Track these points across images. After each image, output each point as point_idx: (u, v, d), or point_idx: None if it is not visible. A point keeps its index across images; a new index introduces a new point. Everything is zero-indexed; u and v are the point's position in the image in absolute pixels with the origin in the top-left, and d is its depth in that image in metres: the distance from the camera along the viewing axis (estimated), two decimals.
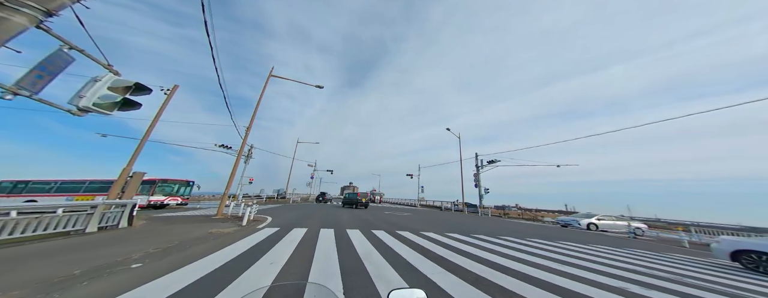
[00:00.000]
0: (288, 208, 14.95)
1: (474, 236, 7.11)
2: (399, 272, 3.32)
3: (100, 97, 2.63)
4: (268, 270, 3.10)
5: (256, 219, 8.15)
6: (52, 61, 2.22)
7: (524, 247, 5.98)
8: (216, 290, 2.40)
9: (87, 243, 4.30)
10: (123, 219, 6.02)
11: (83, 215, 5.22)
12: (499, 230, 9.52)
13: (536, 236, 8.24)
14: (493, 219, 16.01)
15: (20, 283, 2.42)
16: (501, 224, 12.16)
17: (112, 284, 2.51)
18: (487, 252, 5.00)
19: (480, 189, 20.78)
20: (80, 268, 2.89)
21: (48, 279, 2.55)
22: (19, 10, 2.01)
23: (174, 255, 3.62)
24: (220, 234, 5.36)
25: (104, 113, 2.70)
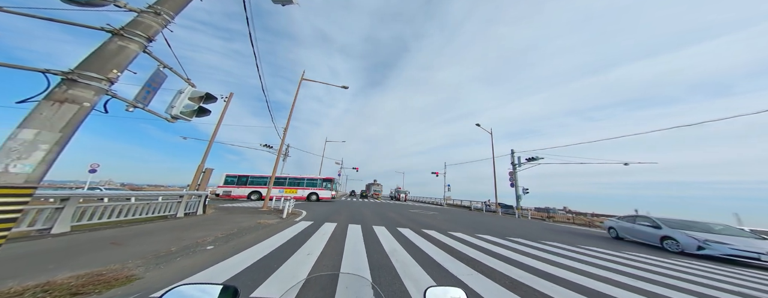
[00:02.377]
0: (318, 203, 16.10)
1: (510, 239, 6.61)
2: (426, 270, 3.31)
3: (184, 107, 3.24)
4: (306, 260, 3.42)
5: (294, 212, 9.07)
6: (154, 78, 2.84)
7: (574, 254, 5.27)
8: (266, 274, 2.77)
9: (178, 226, 5.43)
10: (200, 208, 7.44)
11: (175, 203, 6.63)
12: (541, 234, 8.62)
13: (592, 244, 7.16)
14: (534, 222, 14.46)
15: (139, 254, 3.20)
16: (544, 228, 10.97)
17: (195, 261, 3.12)
18: (526, 257, 4.60)
19: (517, 189, 18.89)
20: (175, 246, 3.68)
21: (155, 253, 3.31)
22: (132, 39, 2.59)
23: (235, 241, 4.30)
24: (266, 225, 6.13)
25: (186, 120, 3.32)
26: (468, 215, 14.87)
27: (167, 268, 2.84)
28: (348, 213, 10.41)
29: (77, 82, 2.09)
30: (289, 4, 4.55)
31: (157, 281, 2.45)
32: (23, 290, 1.93)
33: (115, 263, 2.76)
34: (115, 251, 3.34)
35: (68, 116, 1.99)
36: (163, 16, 2.92)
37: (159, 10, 2.88)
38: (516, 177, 19.43)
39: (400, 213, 12.51)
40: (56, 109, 1.95)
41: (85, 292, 2.06)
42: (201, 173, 7.88)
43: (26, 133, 1.83)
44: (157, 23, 2.87)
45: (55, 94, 2.00)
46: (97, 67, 2.27)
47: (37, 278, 2.22)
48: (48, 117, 1.91)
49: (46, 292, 1.95)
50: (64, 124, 1.97)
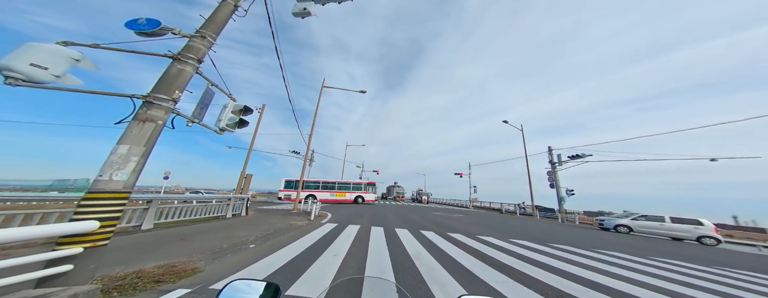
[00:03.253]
0: (342, 205, 16.82)
1: (552, 246, 6.11)
2: (453, 276, 3.25)
3: (228, 120, 3.73)
4: (332, 261, 3.64)
5: (320, 215, 9.66)
6: (204, 96, 3.34)
7: (642, 267, 4.61)
8: (299, 273, 3.06)
9: (227, 226, 6.22)
10: (243, 209, 8.58)
11: (224, 205, 7.70)
12: (594, 241, 7.77)
13: (672, 256, 6.10)
14: (583, 228, 12.95)
15: (200, 250, 3.77)
16: (596, 235, 9.83)
17: (241, 257, 3.58)
18: (575, 266, 4.21)
19: (558, 190, 17.16)
20: (225, 244, 4.24)
21: (212, 249, 3.86)
22: (187, 62, 3.07)
23: (272, 240, 4.79)
24: (297, 226, 6.65)
25: (231, 131, 3.82)
26: (499, 219, 14.03)
27: (221, 263, 3.30)
28: (370, 216, 10.65)
29: (153, 104, 2.58)
30: (308, 16, 4.88)
31: (213, 274, 2.87)
32: (124, 275, 2.45)
33: (183, 257, 3.30)
34: (183, 246, 3.99)
35: (149, 132, 2.47)
36: (207, 39, 3.40)
37: (204, 33, 3.37)
38: (556, 177, 17.60)
39: (423, 215, 12.37)
40: (141, 127, 2.44)
41: (164, 280, 2.52)
42: (243, 178, 8.95)
43: (122, 149, 2.32)
44: (204, 46, 3.35)
45: (139, 114, 2.50)
46: (164, 89, 2.76)
47: (133, 265, 2.80)
48: (136, 134, 2.40)
49: (139, 278, 2.44)
50: (147, 139, 2.45)
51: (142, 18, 3.04)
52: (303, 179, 17.37)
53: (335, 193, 18.73)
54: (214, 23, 3.52)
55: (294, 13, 4.80)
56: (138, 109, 2.53)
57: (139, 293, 2.24)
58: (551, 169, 18.07)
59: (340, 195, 18.82)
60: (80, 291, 1.93)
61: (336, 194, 18.64)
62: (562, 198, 16.93)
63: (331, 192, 18.59)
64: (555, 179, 17.63)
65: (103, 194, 2.19)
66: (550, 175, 18.06)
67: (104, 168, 2.24)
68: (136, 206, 5.27)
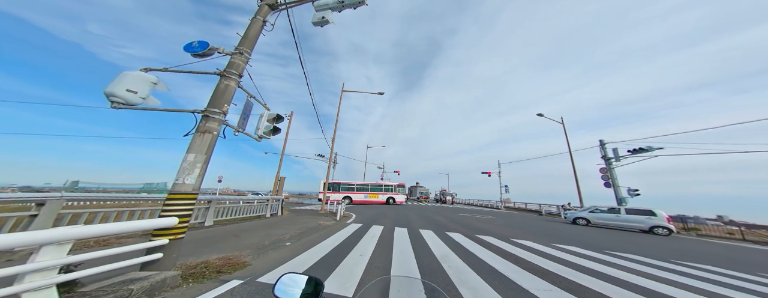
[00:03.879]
0: (365, 206, 17.37)
1: (612, 254, 5.44)
2: (485, 279, 3.17)
3: (265, 128, 4.21)
4: (359, 260, 3.85)
5: (345, 215, 10.24)
6: (246, 107, 3.86)
7: (746, 284, 3.83)
8: (329, 271, 3.33)
9: (267, 224, 7.03)
10: (279, 209, 9.66)
11: (264, 206, 8.79)
12: (672, 252, 6.56)
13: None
14: (654, 235, 10.99)
15: (248, 246, 4.35)
16: (683, 245, 8.26)
17: (280, 254, 4.04)
18: (647, 278, 3.66)
19: (617, 190, 15.10)
20: (267, 241, 4.80)
21: (257, 245, 4.42)
22: (231, 78, 3.56)
23: (305, 239, 5.27)
24: (324, 226, 7.16)
25: (267, 138, 4.32)
26: (537, 221, 12.99)
27: (264, 258, 3.77)
28: (393, 216, 10.82)
29: (210, 117, 3.09)
30: (327, 24, 5.18)
31: (259, 268, 3.30)
32: (195, 265, 3.00)
33: (236, 251, 3.87)
34: (236, 241, 4.66)
35: (208, 142, 2.97)
36: (244, 55, 3.88)
37: (241, 49, 3.86)
38: (613, 174, 15.40)
39: (448, 217, 12.12)
40: (202, 138, 2.95)
41: (224, 271, 3.00)
42: (278, 181, 10.02)
43: (190, 157, 2.84)
44: (242, 61, 3.84)
45: (200, 127, 3.02)
46: (216, 104, 3.27)
47: (200, 257, 3.41)
48: (199, 144, 2.91)
49: (206, 268, 2.96)
50: (207, 148, 2.95)
51: (194, 41, 3.64)
52: (342, 182, 20.12)
53: (369, 194, 20.41)
54: (248, 39, 4.01)
55: (314, 22, 5.17)
56: (199, 123, 3.06)
57: (206, 281, 2.72)
58: (606, 165, 15.86)
59: (373, 197, 20.45)
60: (168, 276, 2.43)
61: (370, 196, 20.31)
62: (622, 199, 14.80)
63: (365, 194, 20.30)
64: (612, 177, 15.50)
65: (180, 195, 2.72)
66: (604, 172, 15.89)
67: (178, 174, 2.77)
68: (200, 206, 6.35)
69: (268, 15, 4.31)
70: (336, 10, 5.28)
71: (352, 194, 19.87)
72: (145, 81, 2.85)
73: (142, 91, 2.78)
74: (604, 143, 16.45)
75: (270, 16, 4.42)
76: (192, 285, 2.58)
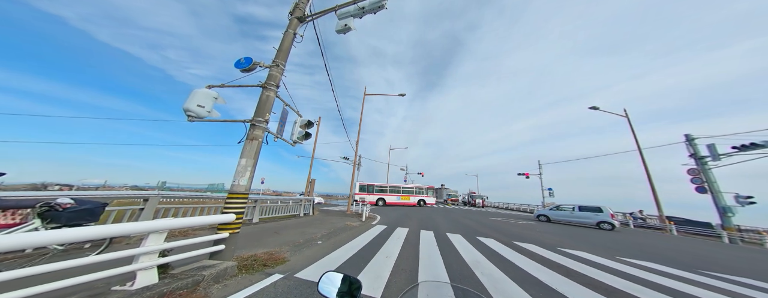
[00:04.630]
0: (389, 208, 17.73)
1: (706, 274, 4.48)
2: (526, 289, 3.01)
3: (297, 133, 4.71)
4: (386, 262, 3.98)
5: (370, 216, 10.68)
6: (283, 115, 4.41)
7: None
8: (358, 270, 3.56)
9: (300, 223, 7.77)
10: (311, 210, 10.67)
11: (298, 206, 9.82)
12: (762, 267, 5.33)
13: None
14: None
15: (286, 242, 4.92)
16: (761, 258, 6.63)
17: (313, 251, 4.46)
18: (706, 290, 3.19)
19: (718, 197, 12.44)
20: (301, 239, 5.35)
21: (293, 242, 4.97)
22: (271, 89, 4.07)
23: (334, 238, 5.70)
24: (351, 227, 7.60)
25: (300, 143, 4.82)
26: (592, 230, 11.34)
27: (300, 255, 4.22)
28: (418, 219, 10.82)
29: (256, 126, 3.63)
30: (349, 31, 5.46)
31: (296, 264, 3.71)
32: (247, 257, 3.57)
33: (276, 247, 4.43)
34: (276, 238, 5.34)
35: (255, 148, 3.51)
36: (280, 67, 4.40)
37: (277, 62, 4.38)
38: (709, 177, 12.56)
39: (479, 221, 11.63)
40: (251, 144, 3.50)
41: (268, 265, 3.48)
42: (309, 182, 11.04)
43: (242, 161, 3.40)
44: (278, 73, 4.36)
45: (249, 134, 3.58)
46: (260, 113, 3.81)
47: (250, 250, 4.03)
48: (249, 149, 3.46)
49: (254, 260, 3.49)
50: (255, 152, 3.49)
51: (242, 58, 4.29)
52: (376, 184, 21.38)
53: (401, 196, 21.52)
54: (282, 52, 4.53)
55: (337, 30, 5.53)
56: (248, 131, 3.62)
57: (255, 273, 3.21)
58: (699, 166, 12.99)
59: (405, 199, 21.51)
60: (228, 265, 2.96)
61: (402, 198, 21.43)
62: (727, 208, 11.88)
63: (397, 196, 21.45)
64: (708, 181, 12.66)
65: (236, 194, 3.28)
66: (696, 174, 13.05)
67: (235, 176, 3.35)
68: (249, 204, 7.41)
69: (297, 27, 4.80)
70: (357, 16, 5.57)
71: (385, 195, 20.90)
72: (209, 96, 3.51)
73: (208, 105, 3.44)
74: (693, 139, 13.51)
75: (299, 28, 4.91)
76: (244, 276, 3.07)
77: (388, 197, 20.85)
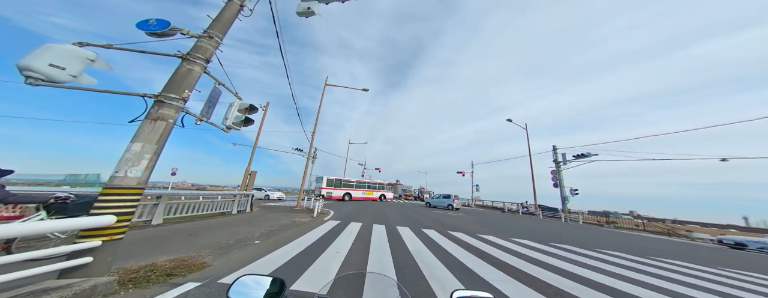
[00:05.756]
0: (344, 204, 16.86)
1: (554, 245, 6.14)
2: (454, 273, 3.30)
3: (234, 118, 3.81)
4: (335, 257, 3.71)
5: (323, 212, 9.79)
6: (212, 95, 3.42)
7: (643, 267, 4.69)
8: (302, 269, 3.14)
9: (232, 221, 6.38)
10: (248, 206, 8.65)
11: (230, 202, 7.82)
12: (598, 241, 7.78)
13: (673, 257, 6.16)
14: (587, 228, 12.98)
15: (207, 245, 3.90)
16: (601, 235, 9.83)
17: (247, 253, 3.68)
18: (576, 266, 4.26)
19: (562, 189, 17.10)
20: (232, 239, 4.36)
21: (219, 244, 3.98)
22: (196, 62, 3.14)
23: (276, 237, 4.89)
24: (300, 223, 6.77)
25: (237, 129, 3.91)
26: (501, 218, 14.04)
27: (228, 258, 3.41)
28: (373, 213, 10.76)
29: (164, 103, 2.66)
30: (312, 15, 4.89)
31: (221, 269, 2.97)
32: (138, 268, 2.56)
33: (192, 252, 3.42)
34: (192, 241, 4.13)
35: (160, 131, 2.56)
36: (214, 39, 3.46)
37: (211, 33, 3.43)
38: (560, 176, 17.47)
39: (424, 214, 12.45)
40: (153, 126, 2.52)
41: (175, 274, 2.62)
42: (248, 175, 9.08)
43: (136, 146, 2.41)
44: (211, 45, 3.42)
45: (151, 113, 2.58)
46: (175, 89, 2.84)
47: (145, 259, 2.92)
48: (148, 132, 2.48)
49: (152, 271, 2.55)
50: (159, 137, 2.53)
51: (152, 19, 3.11)
52: (344, 179, 20.18)
53: (366, 192, 21.09)
54: (220, 23, 3.58)
55: (298, 12, 4.83)
56: (150, 109, 2.62)
57: (152, 286, 2.34)
58: (555, 168, 17.90)
59: (369, 194, 21.17)
60: (99, 282, 2.03)
61: (366, 193, 21.04)
62: (565, 198, 16.80)
63: (363, 191, 20.89)
64: (559, 179, 17.49)
65: (119, 189, 2.28)
66: (554, 174, 17.90)
67: (119, 165, 2.33)
68: (147, 202, 5.40)
69: None
70: (323, 1, 5.00)
71: (352, 190, 20.07)
72: (77, 57, 2.32)
73: (73, 68, 2.27)
74: (556, 149, 18.56)
75: (249, 0, 4.00)
76: (132, 291, 2.19)
77: (354, 191, 20.18)
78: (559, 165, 17.74)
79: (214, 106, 3.45)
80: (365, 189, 21.21)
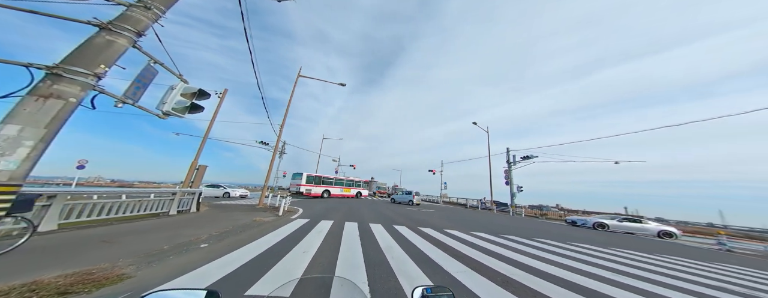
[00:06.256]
0: (315, 201, 15.96)
1: (503, 237, 6.74)
2: (421, 267, 3.35)
3: (176, 103, 3.19)
4: (302, 258, 3.40)
5: (290, 210, 8.93)
6: (144, 74, 2.77)
7: (566, 251, 5.48)
8: (262, 272, 2.75)
9: (170, 224, 5.31)
10: (193, 205, 7.26)
11: (167, 200, 6.44)
12: (533, 231, 8.82)
13: (581, 240, 7.51)
14: (527, 219, 14.80)
15: (130, 253, 3.15)
16: (536, 226, 11.24)
17: (189, 259, 3.08)
18: (519, 254, 4.74)
19: (511, 187, 19.19)
20: (167, 244, 3.62)
21: (148, 251, 3.26)
22: (121, 34, 2.52)
23: (230, 238, 4.25)
24: (262, 222, 6.06)
25: (179, 116, 3.27)
26: (464, 213, 15.01)
27: (160, 266, 2.81)
28: (346, 211, 10.39)
29: (63, 77, 2.02)
30: (286, 0, 4.46)
31: (149, 280, 2.42)
32: (9, 290, 1.88)
33: (105, 262, 2.71)
34: (106, 249, 3.27)
35: (53, 112, 1.93)
36: (153, 11, 2.84)
37: (149, 4, 2.81)
38: (511, 175, 19.68)
39: (396, 211, 12.55)
40: (41, 105, 1.89)
41: (74, 291, 2.02)
42: (195, 169, 7.71)
43: (9, 130, 1.77)
44: (147, 17, 2.80)
45: (39, 89, 1.93)
46: (84, 61, 2.20)
47: (23, 277, 2.16)
48: (32, 113, 1.85)
49: (33, 292, 1.91)
50: (49, 120, 1.91)
51: None
52: (324, 176, 19.71)
53: (344, 189, 20.86)
54: None
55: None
56: (37, 83, 1.96)
57: None
58: (507, 168, 20.14)
59: (346, 191, 21.03)
60: None
61: (344, 190, 20.85)
62: (514, 194, 18.98)
63: (341, 188, 20.60)
64: (510, 177, 19.67)
65: None
66: (506, 173, 20.10)
67: None
68: (37, 202, 3.82)
69: None
70: None
71: (331, 187, 19.66)
72: None
73: None
74: (510, 151, 20.86)
75: None
76: None
77: (333, 189, 19.70)
78: (510, 165, 20.00)
79: (146, 88, 2.81)
80: (343, 186, 21.11)
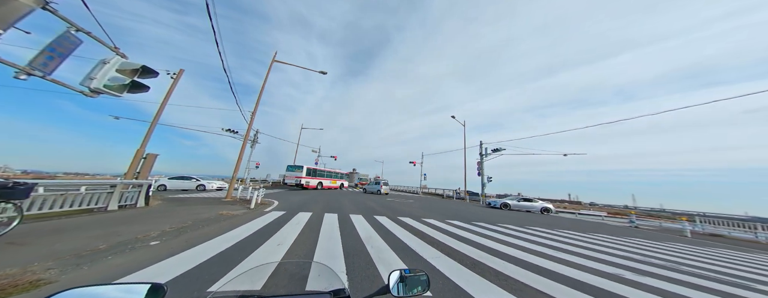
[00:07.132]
0: (293, 192, 15.35)
1: (474, 223, 7.25)
2: (399, 255, 3.43)
3: (109, 79, 2.62)
4: (276, 251, 3.22)
5: (264, 203, 8.34)
6: (60, 42, 2.17)
7: (523, 234, 6.13)
8: (226, 269, 2.50)
9: (109, 220, 4.54)
10: (140, 199, 6.25)
11: (104, 194, 5.45)
12: (499, 218, 9.67)
13: (536, 225, 8.46)
14: (494, 208, 16.27)
15: (51, 255, 2.60)
16: (501, 213, 12.34)
17: (132, 259, 2.66)
18: (486, 238, 5.15)
19: (483, 177, 20.54)
20: (105, 243, 3.08)
21: (76, 252, 2.73)
22: None
23: (188, 234, 3.79)
24: (230, 216, 5.56)
25: (115, 95, 2.70)
26: (440, 203, 15.79)
27: (93, 268, 2.38)
28: (325, 202, 10.14)
29: None
30: None
31: (77, 283, 2.05)
32: None
33: (12, 268, 2.21)
34: (14, 252, 2.65)
35: None
36: None
37: None
38: (482, 167, 21.24)
39: (377, 201, 12.67)
40: None
41: None
42: (142, 158, 6.54)
43: None
44: None
45: None
46: None
47: None
48: None
49: None
50: None
51: None
52: (318, 168, 20.80)
53: (332, 180, 22.33)
54: None
55: None
56: None
57: None
58: (480, 160, 21.75)
59: (333, 183, 22.48)
60: None
61: (332, 182, 22.33)
62: (484, 184, 20.52)
63: (330, 180, 22.07)
64: (481, 168, 21.17)
65: None
66: (479, 165, 21.71)
67: None
68: None
69: None
70: None
71: (323, 180, 20.85)
72: None
73: None
74: (483, 144, 22.37)
75: None
76: None
77: (325, 181, 21.03)
78: (482, 157, 21.59)
79: (63, 59, 2.21)
80: (332, 178, 22.58)
